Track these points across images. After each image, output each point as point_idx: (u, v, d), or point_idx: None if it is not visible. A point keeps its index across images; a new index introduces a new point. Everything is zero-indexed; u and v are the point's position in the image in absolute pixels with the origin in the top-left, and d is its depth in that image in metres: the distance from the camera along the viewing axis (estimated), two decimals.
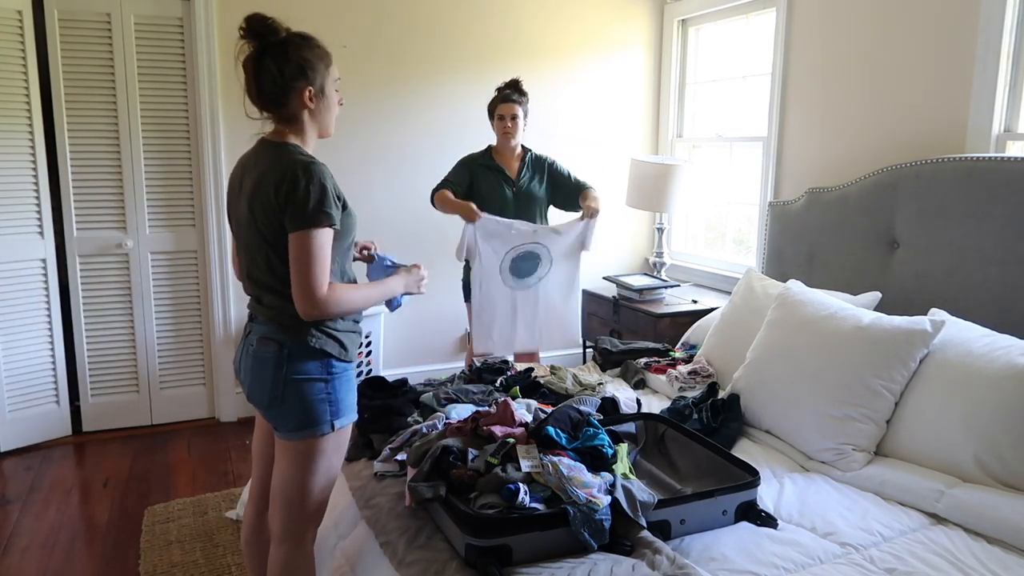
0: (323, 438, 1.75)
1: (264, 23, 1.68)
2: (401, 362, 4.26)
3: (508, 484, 1.73)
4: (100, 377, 3.77)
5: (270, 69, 1.70)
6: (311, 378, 1.72)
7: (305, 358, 1.72)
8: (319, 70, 1.75)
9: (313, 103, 1.76)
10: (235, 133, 3.78)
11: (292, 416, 1.73)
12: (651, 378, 2.99)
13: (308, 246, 1.64)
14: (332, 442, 1.77)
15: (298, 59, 1.71)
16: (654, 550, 1.67)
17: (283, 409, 1.73)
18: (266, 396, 1.74)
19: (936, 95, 2.97)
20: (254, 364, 1.77)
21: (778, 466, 2.25)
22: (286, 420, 1.74)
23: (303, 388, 1.72)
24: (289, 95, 1.72)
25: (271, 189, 1.66)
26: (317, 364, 1.73)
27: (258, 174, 1.72)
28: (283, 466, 1.79)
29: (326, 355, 1.73)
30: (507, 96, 3.30)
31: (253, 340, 1.78)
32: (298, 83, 1.72)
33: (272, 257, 1.72)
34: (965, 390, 2.09)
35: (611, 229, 4.73)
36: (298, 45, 1.72)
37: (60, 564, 2.63)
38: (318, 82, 1.75)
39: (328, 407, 1.74)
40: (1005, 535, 1.81)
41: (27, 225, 3.50)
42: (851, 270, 3.09)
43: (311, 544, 1.85)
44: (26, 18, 3.38)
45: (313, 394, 1.72)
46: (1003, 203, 2.52)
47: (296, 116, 1.76)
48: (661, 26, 4.63)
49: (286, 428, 1.75)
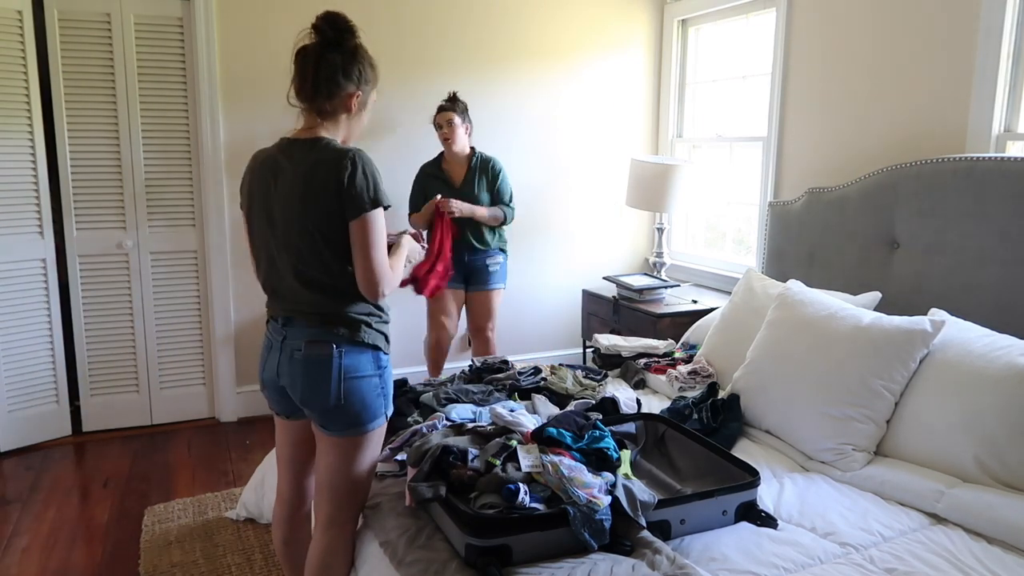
0: (375, 431, 1.84)
1: (347, 23, 1.79)
2: (401, 362, 4.26)
3: (508, 484, 1.73)
4: (100, 377, 3.77)
5: (335, 63, 1.77)
6: (367, 375, 1.79)
7: (359, 356, 1.78)
8: (370, 85, 1.86)
9: (354, 110, 1.84)
10: (235, 133, 3.79)
11: (350, 414, 1.79)
12: (651, 378, 2.99)
13: (372, 228, 1.72)
14: (379, 433, 1.87)
15: (362, 66, 1.82)
16: (654, 550, 1.67)
17: (343, 410, 1.78)
18: (329, 399, 1.76)
19: (936, 95, 2.97)
20: (307, 369, 1.77)
21: (778, 466, 2.25)
22: (343, 419, 1.79)
23: (361, 386, 1.78)
24: (341, 92, 1.80)
25: (329, 181, 1.71)
26: (370, 360, 1.80)
27: (305, 170, 1.75)
28: (331, 460, 1.84)
29: (376, 349, 1.81)
30: (441, 107, 3.58)
31: (299, 345, 1.78)
32: (352, 85, 1.81)
33: (326, 252, 1.75)
34: (965, 390, 2.09)
35: (611, 229, 4.73)
36: (366, 55, 1.85)
37: (60, 564, 2.63)
38: (365, 94, 1.85)
39: (383, 401, 1.84)
40: (1005, 535, 1.81)
41: (27, 225, 3.50)
42: (851, 270, 3.09)
43: (353, 532, 1.92)
44: (26, 18, 3.38)
45: (371, 391, 1.80)
46: (1003, 203, 2.52)
47: (335, 114, 1.82)
48: (661, 26, 4.63)
49: (341, 426, 1.80)
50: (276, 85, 3.89)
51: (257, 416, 3.97)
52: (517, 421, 2.03)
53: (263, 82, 3.79)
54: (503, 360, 2.92)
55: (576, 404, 2.48)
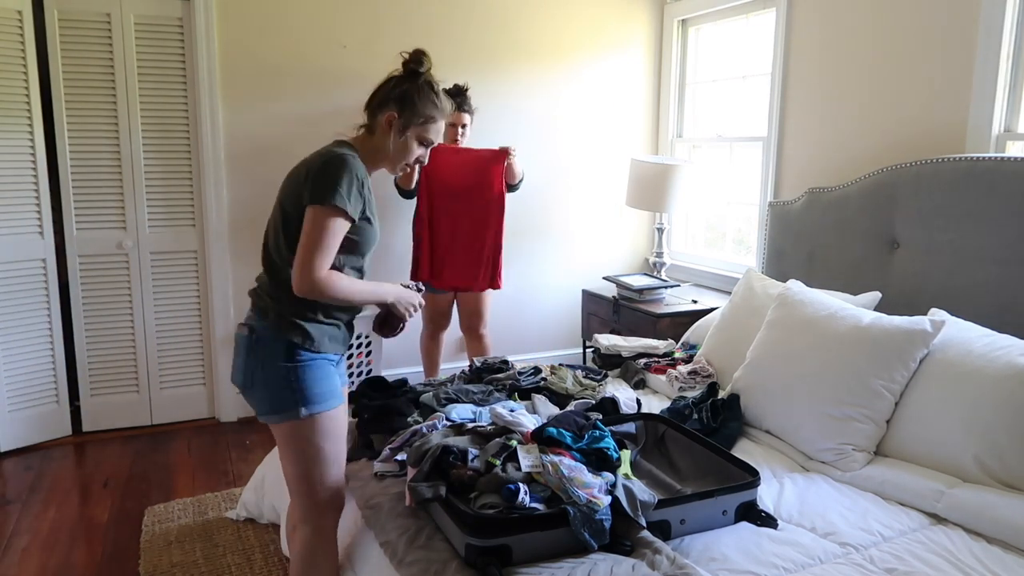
0: (299, 423, 1.80)
1: (419, 58, 1.88)
2: (401, 362, 4.26)
3: (508, 484, 1.73)
4: (100, 377, 3.77)
5: (392, 84, 1.89)
6: (277, 364, 1.79)
7: (270, 343, 1.80)
8: (416, 115, 1.88)
9: (388, 130, 1.88)
10: (235, 133, 3.79)
11: (261, 400, 1.82)
12: (651, 378, 2.99)
13: (321, 224, 1.73)
14: (311, 428, 1.82)
15: (410, 94, 1.87)
16: (654, 550, 1.68)
17: (254, 392, 1.83)
18: (240, 378, 1.85)
19: (936, 95, 2.97)
20: (235, 346, 1.88)
21: (778, 466, 2.25)
22: (257, 403, 1.84)
23: (269, 373, 1.80)
24: (383, 110, 1.87)
25: (305, 167, 1.81)
26: (281, 350, 1.79)
27: (307, 157, 1.86)
28: (279, 451, 1.89)
29: (290, 343, 1.79)
30: (459, 105, 3.54)
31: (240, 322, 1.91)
32: (392, 106, 1.87)
33: (281, 229, 1.82)
34: (965, 390, 2.09)
35: (611, 229, 4.73)
36: (421, 87, 1.88)
37: (60, 564, 2.63)
38: (407, 121, 1.88)
39: (292, 394, 1.79)
40: (1005, 535, 1.81)
41: (27, 225, 3.50)
42: (851, 270, 3.09)
43: (331, 529, 1.92)
44: (26, 18, 3.38)
45: (277, 380, 1.79)
46: (1003, 203, 2.52)
47: (372, 129, 1.91)
48: (661, 26, 4.63)
49: (259, 411, 1.84)
50: (276, 85, 3.91)
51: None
52: (517, 421, 2.04)
53: (263, 82, 3.79)
54: (503, 360, 2.92)
55: (576, 404, 2.48)
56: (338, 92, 3.93)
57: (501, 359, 2.94)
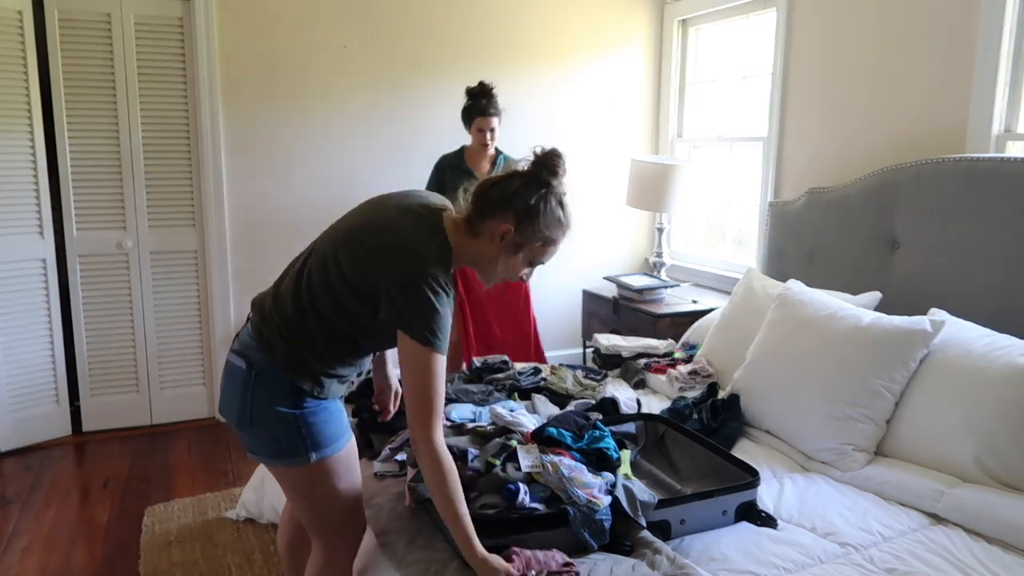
0: (307, 468, 1.62)
1: (555, 164, 1.57)
2: None
3: (508, 484, 1.73)
4: (100, 377, 3.77)
5: (514, 187, 1.57)
6: (280, 409, 1.58)
7: (273, 383, 1.58)
8: (535, 234, 1.58)
9: (500, 242, 1.58)
10: (235, 133, 3.79)
11: (262, 443, 1.63)
12: (651, 378, 2.99)
13: (426, 368, 1.49)
14: (320, 472, 1.63)
15: (536, 208, 1.56)
16: (654, 550, 1.68)
17: (252, 433, 1.63)
18: (233, 415, 1.63)
19: (936, 95, 2.97)
20: (225, 376, 1.66)
21: (778, 466, 2.25)
22: (256, 446, 1.64)
23: (271, 417, 1.58)
24: (498, 216, 1.56)
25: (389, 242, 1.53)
26: (285, 393, 1.59)
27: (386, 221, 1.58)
28: (283, 490, 1.71)
29: (297, 388, 1.59)
30: (485, 109, 3.49)
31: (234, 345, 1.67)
32: (511, 216, 1.56)
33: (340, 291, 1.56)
34: (965, 390, 2.09)
35: (611, 229, 4.73)
36: (550, 203, 1.57)
37: (60, 564, 2.63)
38: (523, 238, 1.58)
39: (300, 441, 1.60)
40: (1005, 535, 1.81)
41: (27, 225, 3.50)
42: (851, 270, 3.09)
43: (347, 561, 1.77)
44: (26, 18, 3.38)
45: (283, 425, 1.59)
46: (1003, 203, 2.52)
47: (480, 233, 1.59)
48: (661, 26, 4.63)
49: (258, 453, 1.65)
50: (276, 85, 3.91)
51: None
52: (517, 421, 2.04)
53: (263, 82, 3.79)
54: (503, 360, 2.92)
55: (576, 404, 2.48)
56: (338, 92, 3.93)
57: (501, 359, 2.93)
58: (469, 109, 3.54)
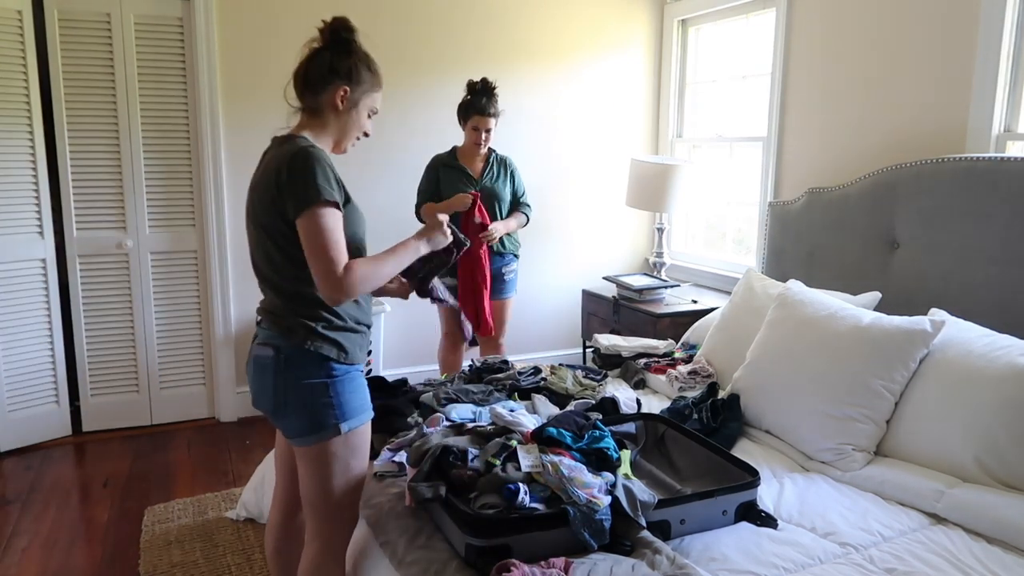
0: (332, 441, 1.72)
1: (346, 24, 1.80)
2: (401, 362, 4.26)
3: (508, 484, 1.73)
4: (100, 377, 3.77)
5: (324, 59, 1.78)
6: (311, 382, 1.69)
7: (303, 362, 1.70)
8: (363, 84, 1.80)
9: (342, 106, 1.79)
10: (235, 133, 3.79)
11: (297, 422, 1.72)
12: (651, 378, 2.99)
13: (317, 225, 1.61)
14: (343, 445, 1.73)
15: (351, 64, 1.78)
16: (654, 550, 1.68)
17: (287, 415, 1.72)
18: (270, 403, 1.74)
19: (936, 95, 2.97)
20: (255, 369, 1.77)
21: (778, 466, 2.25)
22: (292, 426, 1.73)
23: (304, 392, 1.70)
24: (327, 87, 1.77)
25: (272, 175, 1.68)
26: (316, 367, 1.70)
27: (264, 165, 1.74)
28: (302, 471, 1.77)
29: (324, 358, 1.70)
30: (484, 109, 3.38)
31: (254, 346, 1.78)
32: (339, 81, 1.77)
33: (270, 247, 1.71)
34: (965, 390, 2.09)
35: (611, 229, 4.73)
36: (359, 55, 1.80)
37: (60, 564, 2.63)
38: (356, 93, 1.80)
39: (332, 410, 1.71)
40: (1005, 535, 1.81)
41: (27, 225, 3.50)
42: (851, 270, 3.09)
43: (341, 549, 1.82)
44: (26, 18, 3.38)
45: (315, 398, 1.70)
46: (1003, 203, 2.52)
47: (322, 110, 1.79)
48: (661, 26, 4.63)
49: (294, 434, 1.74)
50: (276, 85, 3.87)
51: (257, 416, 3.96)
52: (517, 421, 2.03)
53: (263, 82, 3.79)
54: (503, 360, 2.92)
55: (576, 404, 2.48)
56: None
57: (501, 359, 2.94)
58: (467, 105, 3.43)
